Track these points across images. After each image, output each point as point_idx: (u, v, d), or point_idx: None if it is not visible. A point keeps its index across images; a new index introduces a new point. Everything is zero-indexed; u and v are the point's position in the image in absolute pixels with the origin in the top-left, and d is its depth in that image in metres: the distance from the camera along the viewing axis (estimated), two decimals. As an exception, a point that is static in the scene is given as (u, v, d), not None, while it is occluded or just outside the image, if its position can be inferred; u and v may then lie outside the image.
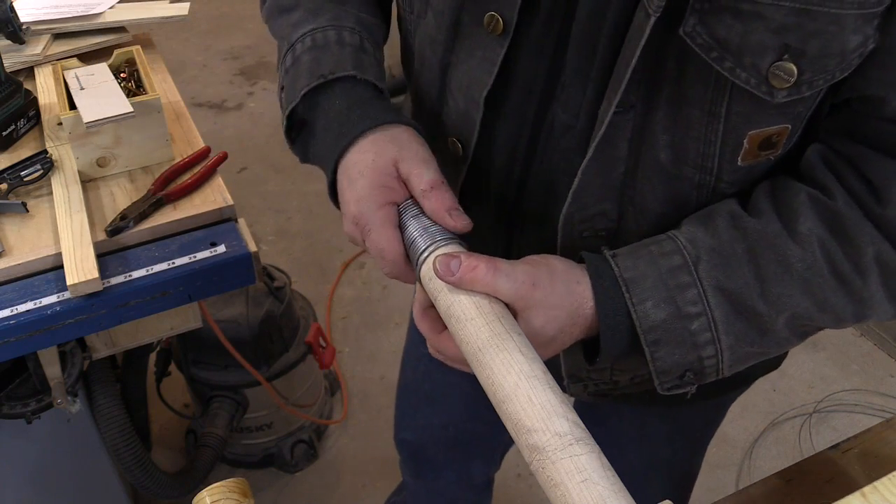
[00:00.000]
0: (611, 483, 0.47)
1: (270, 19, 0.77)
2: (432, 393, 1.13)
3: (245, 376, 1.60)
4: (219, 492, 0.55)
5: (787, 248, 0.59)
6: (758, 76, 0.54)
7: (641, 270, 0.61)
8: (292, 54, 0.71)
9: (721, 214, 0.62)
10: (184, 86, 3.01)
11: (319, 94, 0.68)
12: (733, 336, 0.61)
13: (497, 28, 0.63)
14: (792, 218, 0.60)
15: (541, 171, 0.69)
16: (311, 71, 0.68)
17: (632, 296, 0.60)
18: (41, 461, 1.28)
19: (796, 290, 0.60)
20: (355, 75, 0.67)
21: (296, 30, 0.71)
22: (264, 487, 1.81)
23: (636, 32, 0.55)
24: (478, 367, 0.55)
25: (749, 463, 1.88)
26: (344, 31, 0.70)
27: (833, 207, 0.59)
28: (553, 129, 0.67)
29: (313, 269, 2.40)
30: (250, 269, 1.02)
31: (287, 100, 0.70)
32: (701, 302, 0.60)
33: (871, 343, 2.17)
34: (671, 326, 0.60)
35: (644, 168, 0.63)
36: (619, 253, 0.62)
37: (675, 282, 0.60)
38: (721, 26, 0.53)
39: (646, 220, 0.65)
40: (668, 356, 0.61)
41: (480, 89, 0.66)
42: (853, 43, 0.52)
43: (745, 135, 0.59)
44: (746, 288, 0.60)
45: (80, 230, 0.98)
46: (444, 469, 1.22)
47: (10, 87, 1.15)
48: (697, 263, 0.60)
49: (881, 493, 0.56)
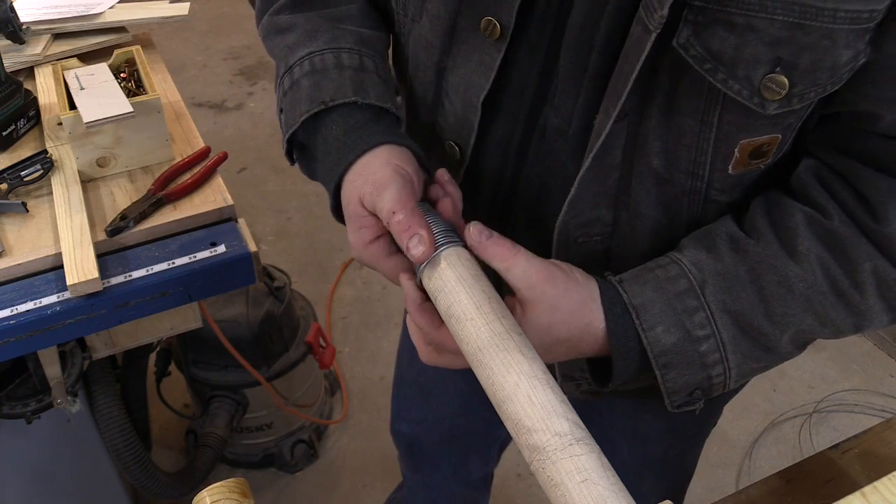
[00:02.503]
0: (611, 483, 0.47)
1: (267, 38, 0.76)
2: (426, 387, 1.13)
3: (245, 376, 1.60)
4: (219, 492, 0.55)
5: (788, 269, 0.60)
6: (750, 88, 0.55)
7: (649, 296, 0.61)
8: (290, 77, 0.70)
9: (720, 236, 0.63)
10: (184, 86, 3.02)
11: (319, 120, 0.68)
12: (740, 354, 0.62)
13: (494, 33, 0.63)
14: (790, 238, 0.61)
15: (532, 173, 0.70)
16: (311, 97, 0.68)
17: (642, 322, 0.61)
18: (41, 461, 1.28)
19: (799, 309, 0.61)
20: (356, 101, 0.67)
21: (293, 52, 0.71)
22: (264, 487, 1.81)
23: (634, 47, 0.56)
24: (478, 367, 0.55)
25: (749, 463, 1.88)
26: (342, 54, 0.69)
27: (829, 227, 0.60)
28: (545, 133, 0.67)
29: (313, 269, 2.40)
30: (250, 269, 1.02)
31: (287, 124, 0.70)
32: (709, 325, 0.61)
33: (871, 343, 2.17)
34: (681, 349, 0.61)
35: (638, 174, 0.63)
36: (625, 279, 0.63)
37: (682, 306, 0.61)
38: (715, 39, 0.54)
39: (640, 224, 0.66)
40: (679, 378, 0.62)
41: (478, 93, 0.66)
42: (845, 57, 0.53)
43: (736, 144, 0.59)
44: (751, 309, 0.61)
45: (80, 230, 0.98)
46: (441, 463, 1.23)
47: (10, 87, 1.15)
48: (704, 287, 0.61)
49: (881, 493, 0.56)
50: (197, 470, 1.54)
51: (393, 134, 0.67)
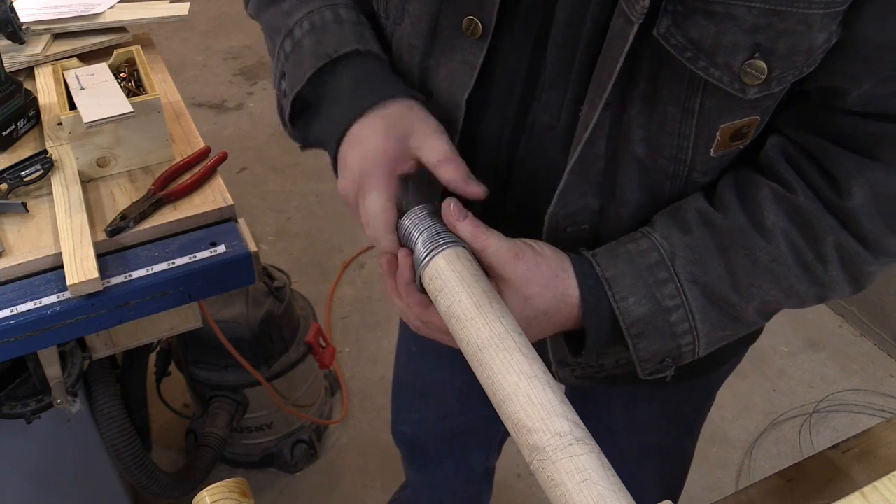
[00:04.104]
0: (611, 483, 0.47)
1: (260, 12, 0.77)
2: (424, 388, 1.14)
3: (245, 376, 1.60)
4: (219, 492, 0.55)
5: (754, 242, 0.63)
6: (730, 74, 0.56)
7: (621, 269, 0.64)
8: (291, 40, 0.71)
9: (690, 211, 0.65)
10: (184, 86, 3.01)
11: (325, 74, 0.68)
12: (709, 324, 0.65)
13: (476, 31, 0.64)
14: (757, 212, 0.63)
15: (523, 169, 0.71)
16: (315, 53, 0.68)
17: (614, 293, 0.63)
18: (41, 461, 1.28)
19: (764, 281, 0.64)
20: (359, 49, 0.68)
21: (290, 16, 0.72)
22: (264, 487, 1.81)
23: (617, 38, 0.56)
24: (478, 366, 0.55)
25: (749, 463, 1.88)
26: (339, 9, 0.71)
27: (794, 202, 0.62)
28: (534, 129, 0.68)
29: (313, 269, 2.40)
30: (250, 269, 1.02)
31: (291, 84, 0.70)
32: (679, 296, 0.64)
33: (871, 343, 2.17)
34: (652, 320, 0.64)
35: (622, 162, 0.64)
36: (598, 253, 0.65)
37: (653, 278, 0.63)
38: (694, 27, 0.55)
39: (625, 210, 0.68)
40: (650, 346, 0.65)
41: (462, 91, 0.67)
42: (819, 40, 0.54)
43: (717, 128, 0.61)
44: (719, 280, 0.64)
45: (80, 230, 0.98)
46: (443, 460, 1.23)
47: (10, 87, 1.15)
48: (674, 259, 0.64)
49: (881, 493, 0.56)
50: (197, 470, 1.54)
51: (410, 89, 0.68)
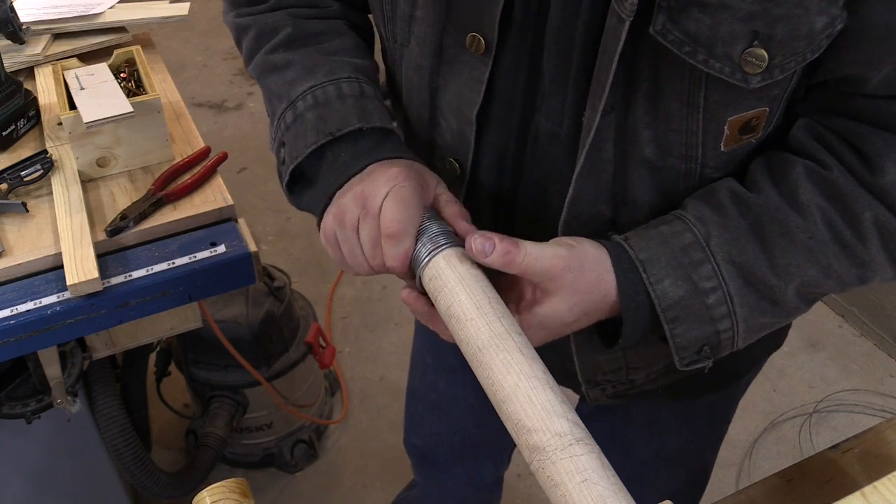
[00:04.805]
0: (611, 483, 0.47)
1: (262, 77, 0.77)
2: (438, 402, 1.14)
3: (245, 376, 1.60)
4: (219, 492, 0.55)
5: (790, 220, 0.61)
6: (731, 65, 0.56)
7: (655, 251, 0.62)
8: (293, 111, 0.71)
9: (722, 191, 0.64)
10: (184, 86, 3.02)
11: (325, 149, 0.69)
12: (747, 307, 0.63)
13: (480, 48, 0.64)
14: (791, 190, 0.62)
15: (531, 179, 0.71)
16: (317, 129, 0.69)
17: (649, 276, 0.61)
18: (41, 461, 1.28)
19: (802, 259, 0.62)
20: (361, 127, 0.68)
21: (294, 87, 0.72)
22: (264, 487, 1.81)
23: (611, 38, 0.56)
24: (478, 367, 0.55)
25: (749, 463, 1.88)
26: (342, 84, 0.71)
27: (829, 177, 0.61)
28: (538, 138, 0.68)
29: (313, 269, 2.40)
30: (250, 269, 1.02)
31: (291, 156, 0.71)
32: (716, 276, 0.62)
33: (871, 343, 2.17)
34: (689, 302, 0.62)
35: (632, 165, 0.64)
36: (630, 236, 0.64)
37: (688, 259, 0.62)
38: (690, 21, 0.54)
39: (639, 213, 0.67)
40: (688, 332, 0.63)
41: (472, 108, 0.67)
42: (820, 24, 0.54)
43: (724, 121, 0.60)
44: (756, 261, 0.62)
45: (80, 230, 0.98)
46: (454, 470, 1.23)
47: (10, 87, 1.15)
48: (709, 239, 0.62)
49: (881, 493, 0.56)
50: (197, 470, 1.54)
51: (400, 151, 0.69)
